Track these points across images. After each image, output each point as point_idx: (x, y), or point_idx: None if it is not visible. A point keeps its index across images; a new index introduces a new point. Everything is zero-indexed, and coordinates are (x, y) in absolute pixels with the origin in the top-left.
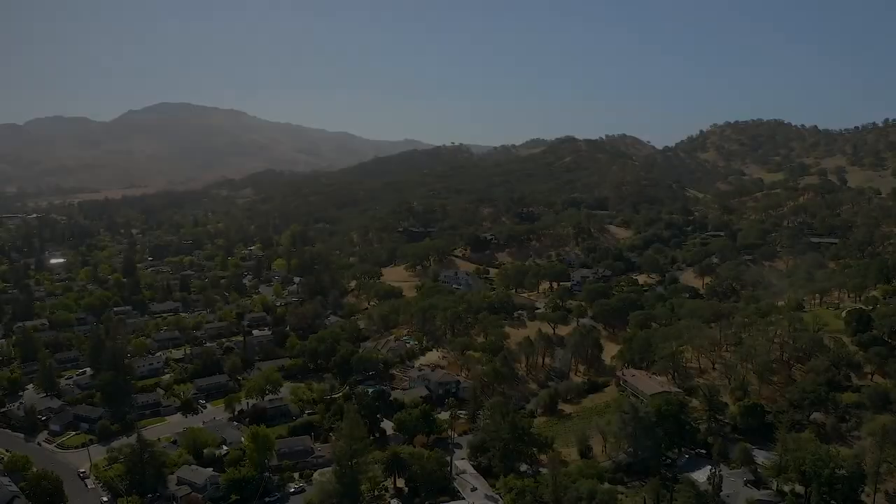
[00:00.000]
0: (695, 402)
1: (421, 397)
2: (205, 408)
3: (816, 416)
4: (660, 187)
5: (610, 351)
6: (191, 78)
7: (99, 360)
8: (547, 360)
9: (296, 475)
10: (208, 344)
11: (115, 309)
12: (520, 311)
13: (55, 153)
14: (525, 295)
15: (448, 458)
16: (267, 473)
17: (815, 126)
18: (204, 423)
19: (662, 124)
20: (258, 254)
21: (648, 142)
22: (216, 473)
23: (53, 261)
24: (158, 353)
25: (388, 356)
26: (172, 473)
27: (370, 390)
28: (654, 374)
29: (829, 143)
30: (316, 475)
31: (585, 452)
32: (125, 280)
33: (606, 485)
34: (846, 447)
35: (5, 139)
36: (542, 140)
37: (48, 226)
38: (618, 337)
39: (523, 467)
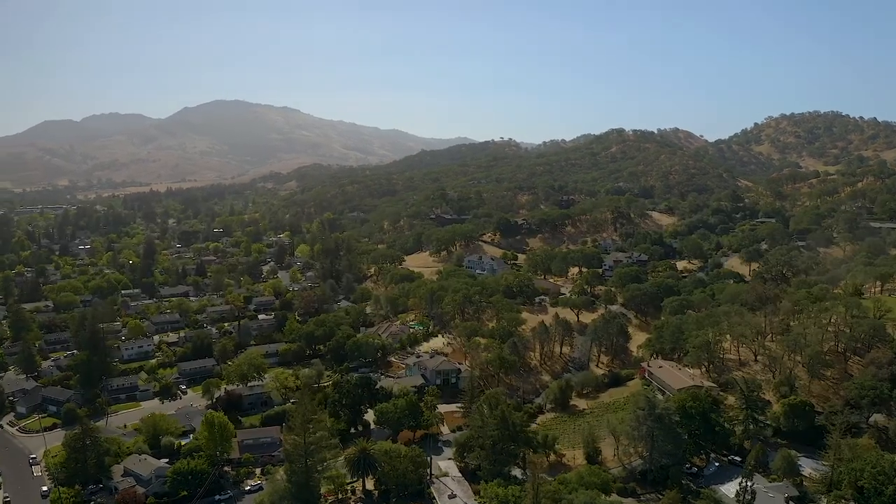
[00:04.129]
0: (731, 399)
1: (414, 387)
2: (185, 393)
3: (877, 417)
4: (709, 176)
5: (640, 341)
6: (246, 76)
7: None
8: (566, 349)
9: (257, 471)
10: (208, 328)
11: (123, 292)
12: (542, 297)
13: (109, 148)
14: (552, 280)
15: (428, 458)
16: (226, 468)
17: (875, 118)
18: (177, 409)
19: (717, 120)
20: (285, 241)
21: (701, 136)
22: (166, 465)
23: (81, 246)
24: (155, 336)
25: (388, 342)
26: (119, 463)
27: (355, 377)
28: (685, 365)
29: (889, 135)
30: (278, 473)
31: (593, 456)
32: (139, 264)
33: (614, 496)
34: None
35: (61, 135)
36: (593, 135)
37: (86, 215)
38: (650, 326)
39: (517, 471)
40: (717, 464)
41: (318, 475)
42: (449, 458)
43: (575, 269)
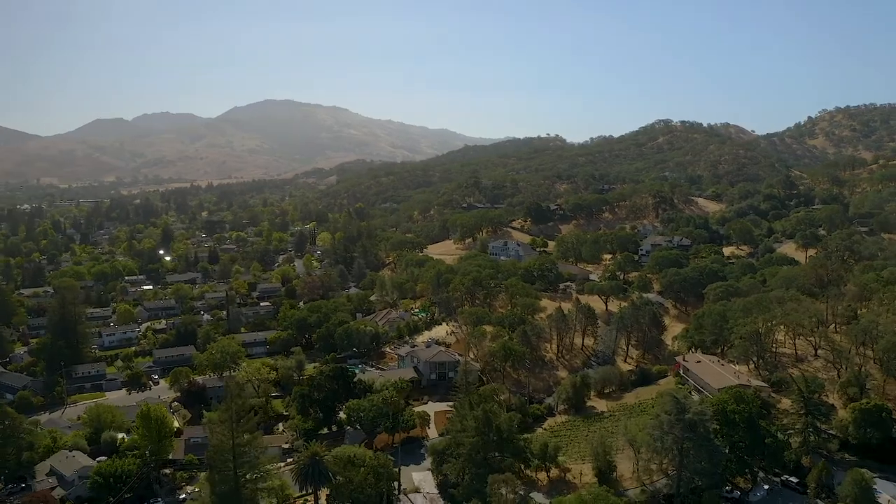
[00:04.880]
0: (785, 403)
1: (403, 380)
2: (157, 383)
3: None
4: (761, 166)
5: (677, 332)
6: (296, 76)
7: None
8: (589, 341)
9: (202, 475)
10: (203, 314)
11: (126, 278)
12: (567, 283)
13: (157, 146)
14: (582, 267)
15: (397, 468)
16: (166, 470)
17: None
18: (138, 401)
19: (769, 118)
20: (308, 229)
21: (753, 131)
22: (92, 465)
23: (106, 236)
24: (146, 323)
25: (384, 330)
26: (45, 461)
27: (329, 367)
28: (729, 361)
29: None
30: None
31: (606, 472)
32: (149, 251)
33: None
34: None
35: (112, 133)
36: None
37: (118, 206)
38: (689, 316)
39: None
40: (766, 486)
41: (251, 486)
42: (428, 469)
43: (609, 256)
